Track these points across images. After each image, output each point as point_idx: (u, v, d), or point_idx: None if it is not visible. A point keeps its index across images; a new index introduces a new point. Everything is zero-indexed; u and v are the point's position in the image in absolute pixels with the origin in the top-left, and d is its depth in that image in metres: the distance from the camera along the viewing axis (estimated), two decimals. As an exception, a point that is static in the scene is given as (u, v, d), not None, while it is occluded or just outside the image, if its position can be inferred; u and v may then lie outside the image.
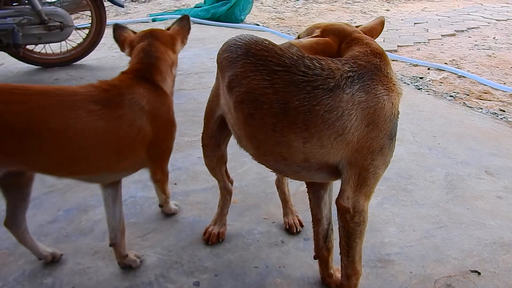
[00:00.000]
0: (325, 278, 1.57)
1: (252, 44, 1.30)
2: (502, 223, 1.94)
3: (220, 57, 1.42)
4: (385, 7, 7.79)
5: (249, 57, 1.28)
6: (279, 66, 1.22)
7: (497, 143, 2.69)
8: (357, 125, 1.19)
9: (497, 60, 4.70)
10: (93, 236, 1.78)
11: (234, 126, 1.39)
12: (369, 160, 1.23)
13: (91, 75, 3.67)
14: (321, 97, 1.17)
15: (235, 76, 1.29)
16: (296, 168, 1.29)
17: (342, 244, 1.35)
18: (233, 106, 1.31)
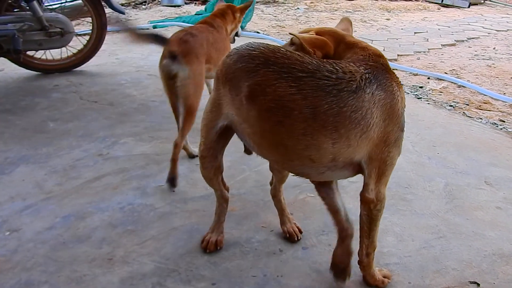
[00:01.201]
0: (343, 258, 1.60)
1: (270, 52, 1.34)
2: (501, 234, 1.93)
3: (230, 68, 1.40)
4: (385, 16, 7.82)
5: (270, 66, 1.31)
6: (303, 72, 1.28)
7: (497, 153, 2.69)
8: (377, 122, 1.31)
9: (497, 70, 4.71)
10: (90, 243, 1.77)
11: (254, 135, 1.39)
12: (386, 153, 1.37)
13: (91, 81, 3.67)
14: (347, 99, 1.27)
15: (258, 85, 1.31)
16: (322, 169, 1.36)
17: (364, 229, 1.50)
18: (257, 115, 1.32)
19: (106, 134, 2.72)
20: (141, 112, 3.08)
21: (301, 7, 8.09)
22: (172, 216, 1.95)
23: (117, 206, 2.00)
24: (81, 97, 3.33)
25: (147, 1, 7.63)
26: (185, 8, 7.26)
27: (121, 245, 1.76)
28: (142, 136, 2.71)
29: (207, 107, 1.57)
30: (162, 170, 2.31)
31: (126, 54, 4.58)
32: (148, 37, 2.50)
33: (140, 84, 3.66)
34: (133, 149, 2.54)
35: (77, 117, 2.96)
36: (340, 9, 8.24)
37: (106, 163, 2.38)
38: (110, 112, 3.07)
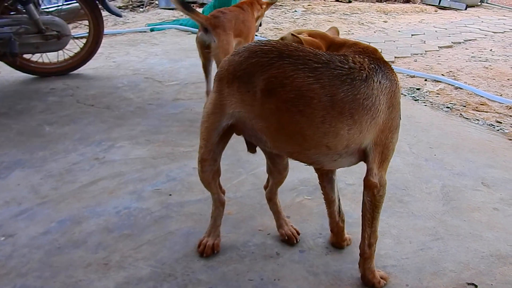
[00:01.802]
0: (339, 242, 1.80)
1: (282, 46, 1.38)
2: (498, 235, 1.92)
3: (240, 64, 1.41)
4: (382, 19, 7.84)
5: (285, 58, 1.34)
6: (318, 63, 1.33)
7: (494, 154, 2.69)
8: (383, 109, 1.39)
9: (494, 72, 4.72)
10: (86, 248, 1.75)
11: (269, 129, 1.41)
12: (390, 139, 1.45)
13: (88, 85, 3.67)
14: (359, 87, 1.34)
15: (274, 77, 1.34)
16: (335, 156, 1.42)
17: (367, 217, 1.54)
18: (276, 107, 1.35)
19: (103, 137, 2.71)
20: (138, 116, 3.07)
21: (298, 10, 8.11)
22: (168, 220, 1.94)
23: (113, 211, 1.99)
24: (78, 101, 3.32)
25: (145, 3, 7.63)
26: (183, 11, 7.26)
27: (117, 249, 1.75)
28: (139, 139, 2.70)
29: (208, 109, 1.55)
30: (158, 174, 2.30)
31: (123, 57, 4.57)
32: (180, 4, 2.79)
33: (137, 87, 3.66)
34: (130, 153, 2.53)
35: (73, 120, 2.95)
36: (337, 11, 8.25)
37: (102, 167, 2.37)
38: (107, 115, 3.06)
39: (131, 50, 4.92)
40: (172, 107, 3.24)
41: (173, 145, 2.64)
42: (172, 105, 3.28)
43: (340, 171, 2.28)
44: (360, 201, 2.04)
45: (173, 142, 2.68)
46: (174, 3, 2.88)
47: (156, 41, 5.38)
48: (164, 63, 4.42)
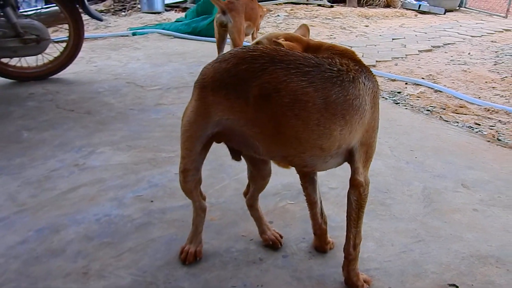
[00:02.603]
0: (323, 246, 1.80)
1: (272, 51, 1.37)
2: (478, 236, 1.95)
3: (227, 71, 1.39)
4: (364, 23, 7.93)
5: (277, 64, 1.34)
6: (309, 66, 1.35)
7: (473, 156, 2.73)
8: (368, 109, 1.42)
9: (472, 75, 4.81)
10: (65, 257, 1.72)
11: (262, 134, 1.39)
12: (372, 138, 1.49)
13: (68, 89, 3.61)
14: (348, 88, 1.36)
15: (268, 83, 1.33)
16: (327, 158, 1.43)
17: (353, 217, 1.55)
18: (271, 112, 1.34)
19: (83, 143, 2.66)
20: (119, 121, 3.03)
21: (281, 14, 8.14)
22: (150, 227, 1.92)
23: (93, 218, 1.96)
24: (58, 106, 3.27)
25: (127, 7, 7.58)
26: (165, 15, 7.24)
27: (97, 258, 1.71)
28: (120, 145, 2.66)
29: (190, 118, 1.50)
30: (140, 180, 2.27)
31: (104, 62, 4.52)
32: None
33: (119, 92, 3.61)
34: (111, 159, 2.49)
35: (53, 126, 2.90)
36: (319, 16, 8.32)
37: (82, 173, 2.33)
38: (87, 120, 3.02)
39: (113, 54, 4.87)
40: (154, 112, 3.21)
41: (155, 150, 2.61)
42: (154, 110, 3.25)
43: (323, 175, 2.29)
44: (343, 205, 2.04)
45: (155, 147, 2.65)
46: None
47: (138, 45, 5.34)
48: (146, 67, 4.39)
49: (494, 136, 3.13)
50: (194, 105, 1.49)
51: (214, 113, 1.43)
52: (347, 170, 1.50)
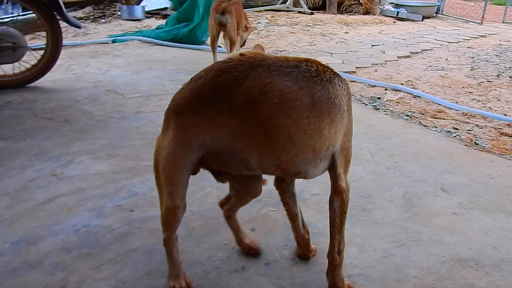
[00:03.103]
0: (306, 254, 1.80)
1: (249, 58, 1.35)
2: (458, 239, 1.98)
3: (205, 88, 1.32)
4: (344, 30, 8.03)
5: (257, 68, 1.32)
6: (289, 67, 1.34)
7: (452, 160, 2.78)
8: (346, 110, 1.44)
9: (450, 80, 4.91)
10: (42, 269, 1.67)
11: (254, 144, 1.34)
12: (349, 142, 1.51)
13: (46, 98, 3.55)
14: (328, 87, 1.38)
15: (252, 87, 1.29)
16: (318, 161, 1.42)
17: (337, 224, 1.54)
18: (261, 116, 1.30)
19: (61, 152, 2.61)
20: (99, 129, 2.99)
21: (262, 21, 8.19)
22: (130, 237, 1.89)
23: (72, 229, 1.92)
24: (35, 114, 3.20)
25: (107, 14, 7.51)
26: (146, 22, 7.20)
27: (75, 270, 1.67)
28: (99, 154, 2.62)
29: (169, 149, 1.37)
30: (120, 189, 2.24)
31: (84, 69, 4.47)
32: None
33: (98, 100, 3.57)
34: (90, 168, 2.45)
35: (30, 135, 2.84)
36: (300, 23, 8.39)
37: (60, 183, 2.28)
38: (66, 129, 2.97)
39: (92, 62, 4.81)
40: (134, 120, 3.17)
41: (135, 159, 2.58)
42: (135, 118, 3.22)
43: (304, 181, 2.30)
44: (324, 211, 2.05)
45: (136, 155, 2.62)
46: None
47: (118, 52, 5.29)
48: (126, 75, 4.35)
49: (472, 140, 3.19)
50: (171, 134, 1.37)
51: (196, 137, 1.35)
52: (328, 176, 1.51)
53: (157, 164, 1.43)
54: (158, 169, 1.43)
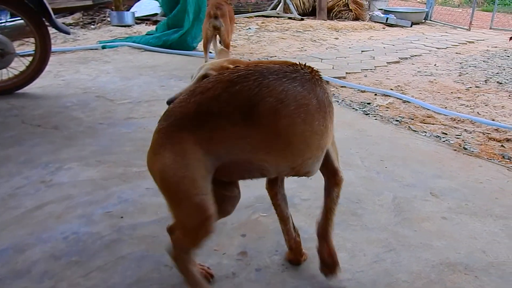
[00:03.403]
0: (298, 258, 1.80)
1: (254, 66, 1.36)
2: (447, 244, 1.99)
3: (217, 100, 1.28)
4: (334, 36, 8.09)
5: (267, 76, 1.33)
6: (292, 72, 1.38)
7: (441, 165, 2.80)
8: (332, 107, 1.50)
9: (438, 85, 4.96)
10: (30, 277, 1.65)
11: (272, 153, 1.35)
12: (333, 136, 1.56)
13: (35, 104, 3.52)
14: (324, 87, 1.43)
15: (269, 97, 1.30)
16: (320, 158, 1.48)
17: (333, 210, 1.63)
18: (281, 125, 1.32)
19: (50, 159, 2.59)
20: (88, 136, 2.97)
21: (252, 27, 8.22)
22: (120, 244, 1.87)
23: (60, 236, 1.90)
24: (23, 121, 3.17)
25: (96, 20, 7.49)
26: (136, 28, 7.19)
27: (64, 278, 1.65)
28: (89, 160, 2.60)
29: (181, 164, 1.28)
30: (109, 196, 2.22)
31: (73, 76, 4.44)
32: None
33: (87, 106, 3.55)
34: (79, 175, 2.43)
35: (18, 142, 2.81)
36: (290, 29, 8.44)
37: (49, 190, 2.26)
38: (55, 136, 2.94)
39: (81, 68, 4.78)
40: (124, 126, 3.16)
41: (125, 165, 2.56)
42: (125, 124, 3.20)
43: (295, 186, 2.30)
44: (315, 216, 2.05)
45: (125, 162, 2.60)
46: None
47: (108, 58, 5.27)
48: (116, 81, 4.33)
49: (461, 145, 3.22)
50: (179, 151, 1.28)
51: (209, 151, 1.29)
52: (319, 181, 1.52)
53: (169, 183, 1.31)
54: (172, 188, 1.31)
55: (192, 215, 1.32)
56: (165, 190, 1.34)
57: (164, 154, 1.30)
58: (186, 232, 1.39)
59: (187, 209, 1.32)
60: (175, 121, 1.31)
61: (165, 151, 1.30)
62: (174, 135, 1.30)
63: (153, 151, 1.33)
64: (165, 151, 1.30)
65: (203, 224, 1.32)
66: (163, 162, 1.29)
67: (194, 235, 1.37)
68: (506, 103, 4.38)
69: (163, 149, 1.30)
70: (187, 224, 1.36)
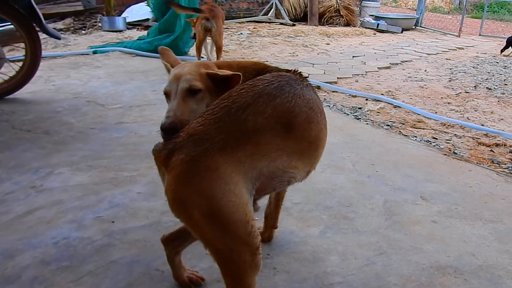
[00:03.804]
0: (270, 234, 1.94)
1: (281, 77, 1.39)
2: (437, 247, 2.01)
3: (260, 113, 1.24)
4: (325, 41, 8.13)
5: (294, 86, 1.38)
6: (297, 79, 1.43)
7: (431, 169, 2.83)
8: None
9: (429, 91, 5.01)
10: (20, 283, 1.64)
11: (302, 160, 1.38)
12: None
13: (25, 109, 3.49)
14: (314, 91, 1.50)
15: (303, 106, 1.36)
16: None
17: (281, 202, 1.86)
18: (310, 134, 1.38)
19: (40, 164, 2.57)
20: (79, 140, 2.95)
21: (244, 32, 8.24)
22: (111, 248, 1.86)
23: (51, 242, 1.88)
24: (13, 126, 3.15)
25: (87, 26, 7.46)
26: (127, 33, 7.17)
27: (54, 283, 1.64)
28: (80, 165, 2.59)
29: (227, 190, 1.16)
30: (100, 201, 2.21)
31: (64, 81, 4.42)
32: (188, 9, 4.52)
33: (78, 111, 3.53)
34: (70, 180, 2.41)
35: (8, 147, 2.79)
36: (282, 34, 8.48)
37: (39, 195, 2.24)
38: (45, 141, 2.92)
39: (72, 73, 4.76)
40: (115, 131, 3.14)
41: (116, 170, 2.55)
42: (116, 129, 3.19)
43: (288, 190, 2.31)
44: (306, 219, 2.07)
45: (117, 166, 2.59)
46: (179, 10, 4.56)
47: (99, 63, 5.25)
48: (108, 86, 4.32)
49: (451, 150, 3.26)
50: (223, 174, 1.16)
51: (253, 168, 1.23)
52: (310, 185, 1.52)
53: (220, 214, 1.16)
54: (223, 219, 1.16)
55: (245, 246, 1.20)
56: (214, 222, 1.17)
57: (203, 183, 1.15)
58: (238, 273, 1.24)
59: (240, 240, 1.19)
60: (212, 145, 1.17)
61: (204, 180, 1.15)
62: (211, 160, 1.16)
63: (184, 183, 1.16)
64: (204, 180, 1.15)
65: (256, 255, 1.22)
66: (207, 193, 1.15)
67: (249, 273, 1.23)
68: (495, 109, 4.43)
69: (199, 179, 1.15)
70: (238, 260, 1.21)
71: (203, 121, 1.22)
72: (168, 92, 1.49)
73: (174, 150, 1.19)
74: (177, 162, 1.16)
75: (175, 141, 1.21)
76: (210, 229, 1.17)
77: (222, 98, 1.29)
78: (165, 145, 1.22)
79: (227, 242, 1.19)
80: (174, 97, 1.45)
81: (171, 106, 1.43)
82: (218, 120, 1.22)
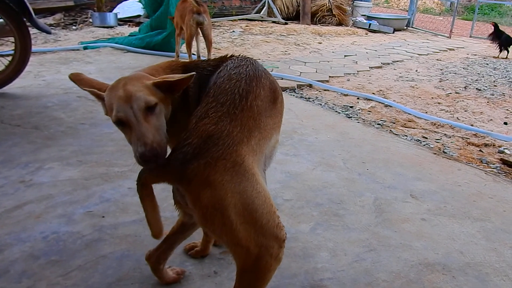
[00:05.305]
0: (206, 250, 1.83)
1: (249, 60, 1.46)
2: (426, 244, 2.02)
3: (261, 95, 1.32)
4: (317, 40, 8.16)
5: (261, 67, 1.47)
6: (253, 61, 1.48)
7: (421, 168, 2.85)
8: None
9: (419, 91, 5.05)
10: (8, 277, 1.62)
11: (277, 129, 1.46)
12: None
13: (14, 104, 3.46)
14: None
15: (276, 81, 1.49)
16: None
17: None
18: (281, 102, 1.50)
19: (30, 159, 2.55)
20: (69, 136, 2.93)
21: (236, 30, 8.23)
22: (100, 243, 1.85)
23: (40, 236, 1.87)
24: (2, 121, 3.11)
25: (78, 21, 7.40)
26: (118, 29, 7.13)
27: (43, 277, 1.63)
28: (70, 160, 2.57)
29: (254, 185, 1.14)
30: (90, 195, 2.20)
31: (54, 76, 4.38)
32: None
33: (69, 107, 3.50)
34: (59, 174, 2.39)
35: (-3, 142, 2.76)
36: (274, 32, 8.48)
37: (28, 190, 2.22)
38: (35, 136, 2.89)
39: (63, 68, 4.72)
40: (106, 126, 3.12)
41: (107, 165, 2.54)
42: (107, 124, 3.17)
43: (278, 187, 2.31)
44: (297, 216, 2.08)
45: (107, 162, 2.58)
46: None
47: (90, 59, 5.21)
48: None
49: (440, 149, 3.29)
50: (246, 168, 1.14)
51: (262, 153, 1.27)
52: (301, 182, 1.52)
53: (251, 209, 1.12)
54: (253, 214, 1.12)
55: (274, 239, 1.16)
56: (248, 219, 1.12)
57: (234, 179, 1.11)
58: (263, 269, 1.17)
59: (270, 234, 1.14)
60: (232, 140, 1.15)
61: (234, 176, 1.11)
62: (236, 155, 1.13)
63: (215, 186, 1.10)
64: (234, 176, 1.11)
65: (283, 248, 1.18)
66: (239, 188, 1.11)
67: (274, 266, 1.18)
68: (485, 109, 4.48)
69: (229, 176, 1.11)
70: (266, 255, 1.15)
71: (212, 121, 1.17)
72: (122, 118, 1.26)
73: (188, 160, 1.12)
74: (200, 168, 1.10)
75: (184, 151, 1.13)
76: (244, 228, 1.12)
77: (211, 95, 1.26)
78: (173, 158, 1.15)
79: (258, 240, 1.13)
80: (135, 121, 1.25)
81: (140, 132, 1.23)
82: (228, 114, 1.19)
